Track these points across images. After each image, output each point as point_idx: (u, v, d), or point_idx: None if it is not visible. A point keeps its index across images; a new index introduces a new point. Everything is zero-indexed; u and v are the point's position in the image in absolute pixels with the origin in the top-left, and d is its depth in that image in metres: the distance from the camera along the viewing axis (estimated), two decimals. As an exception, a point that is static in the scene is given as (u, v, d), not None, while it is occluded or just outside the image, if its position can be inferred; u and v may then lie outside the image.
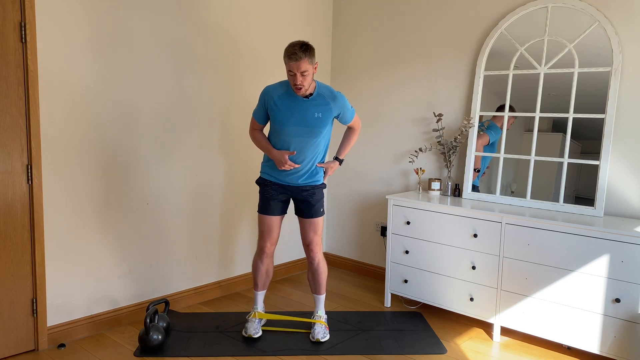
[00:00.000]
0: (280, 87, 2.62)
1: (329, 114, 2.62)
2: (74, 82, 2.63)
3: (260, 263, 2.85)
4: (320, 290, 2.87)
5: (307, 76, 2.46)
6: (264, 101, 2.65)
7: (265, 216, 2.77)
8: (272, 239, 2.81)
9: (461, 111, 3.40)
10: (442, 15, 3.45)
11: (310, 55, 2.45)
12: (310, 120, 2.59)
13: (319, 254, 2.83)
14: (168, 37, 3.00)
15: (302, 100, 2.58)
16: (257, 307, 2.89)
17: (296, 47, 2.42)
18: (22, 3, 2.41)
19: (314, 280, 2.87)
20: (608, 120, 2.77)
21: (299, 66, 2.42)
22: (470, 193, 3.26)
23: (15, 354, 2.57)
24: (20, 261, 2.52)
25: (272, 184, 2.74)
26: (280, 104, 2.60)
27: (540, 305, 2.69)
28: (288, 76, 2.50)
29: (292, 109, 2.58)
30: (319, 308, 2.90)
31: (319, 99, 2.60)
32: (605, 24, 2.78)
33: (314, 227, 2.79)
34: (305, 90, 2.52)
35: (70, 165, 2.65)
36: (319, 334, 2.78)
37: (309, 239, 2.81)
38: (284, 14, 3.68)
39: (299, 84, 2.46)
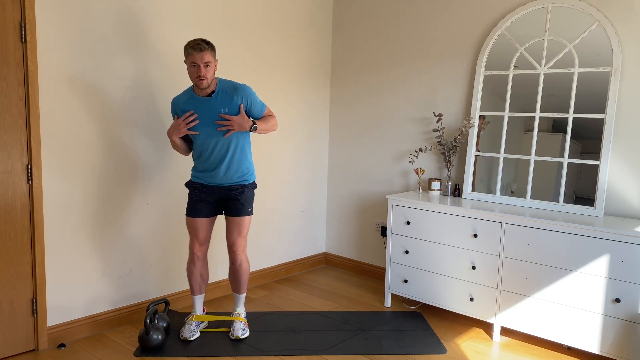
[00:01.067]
0: (184, 94, 2.67)
1: (234, 106, 2.60)
2: (74, 82, 2.63)
3: (193, 267, 2.79)
4: (241, 290, 2.86)
5: (210, 67, 2.51)
6: (174, 112, 2.68)
7: (192, 219, 2.71)
8: (200, 241, 2.74)
9: (461, 111, 3.40)
10: (442, 15, 3.45)
11: (212, 49, 2.52)
12: (218, 117, 2.59)
13: (242, 255, 2.78)
14: (168, 37, 3.00)
15: (206, 100, 2.60)
16: (196, 311, 2.85)
17: (198, 40, 2.49)
18: (22, 3, 2.41)
19: (235, 280, 2.84)
20: (608, 120, 2.77)
21: (202, 57, 2.47)
22: (470, 193, 3.26)
23: (15, 354, 2.57)
24: (20, 261, 2.52)
25: (201, 185, 2.70)
26: (187, 110, 2.62)
27: (540, 305, 2.69)
28: (189, 70, 2.52)
29: (199, 110, 2.60)
30: (239, 306, 2.89)
31: (222, 94, 2.61)
32: (605, 24, 2.78)
33: (239, 227, 2.72)
34: (208, 84, 2.54)
35: (70, 165, 2.65)
36: (238, 330, 2.77)
37: (231, 241, 2.74)
38: (284, 14, 3.68)
39: (203, 75, 2.49)
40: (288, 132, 3.82)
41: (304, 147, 3.97)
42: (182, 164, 3.15)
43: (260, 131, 2.66)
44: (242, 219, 2.72)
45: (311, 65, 3.95)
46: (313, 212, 4.12)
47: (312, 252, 4.16)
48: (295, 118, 3.87)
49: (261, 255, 3.74)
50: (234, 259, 2.79)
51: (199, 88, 2.56)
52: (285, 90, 3.76)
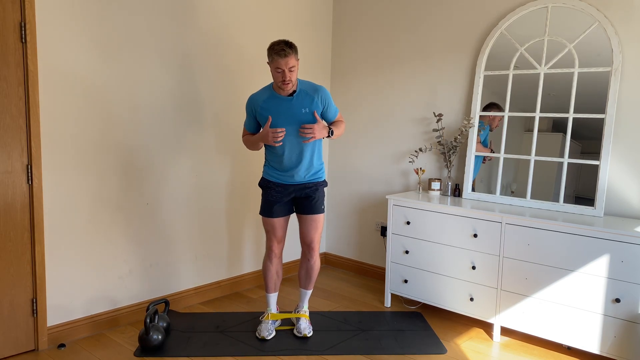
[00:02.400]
0: (263, 92, 2.68)
1: (315, 107, 2.65)
2: (74, 82, 2.63)
3: (270, 264, 2.85)
4: (310, 286, 2.91)
5: (294, 71, 2.54)
6: (251, 109, 2.71)
7: (270, 219, 2.77)
8: (278, 239, 2.81)
9: (461, 111, 3.40)
10: (442, 15, 3.45)
11: (296, 51, 2.54)
12: (299, 116, 2.63)
13: (317, 252, 2.86)
14: (169, 37, 3.00)
15: (287, 100, 2.63)
16: (271, 309, 2.90)
17: (282, 44, 2.50)
18: (22, 3, 2.41)
19: (306, 276, 2.89)
20: (608, 120, 2.77)
21: (287, 62, 2.49)
22: (470, 193, 3.26)
23: (15, 354, 2.57)
24: (20, 261, 2.52)
25: (275, 185, 2.74)
26: (267, 108, 2.64)
27: (540, 305, 2.69)
28: (274, 74, 2.55)
29: (279, 110, 2.63)
30: (305, 303, 2.93)
31: (303, 94, 2.65)
32: (605, 24, 2.78)
33: (316, 224, 2.79)
34: (293, 86, 2.58)
35: (70, 165, 2.65)
36: (305, 329, 2.81)
37: (309, 238, 2.81)
38: (285, 14, 3.68)
39: (288, 79, 2.53)
40: (288, 132, 3.82)
41: (304, 147, 3.97)
42: (182, 164, 3.15)
43: (334, 137, 2.73)
44: (319, 217, 2.79)
45: (311, 65, 3.95)
46: (313, 212, 4.11)
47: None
48: (295, 118, 3.87)
49: (261, 255, 3.73)
50: (310, 256, 2.85)
51: (284, 91, 2.60)
52: (285, 90, 3.76)
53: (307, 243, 2.83)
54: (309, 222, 2.79)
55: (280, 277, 2.91)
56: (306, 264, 2.88)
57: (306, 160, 2.69)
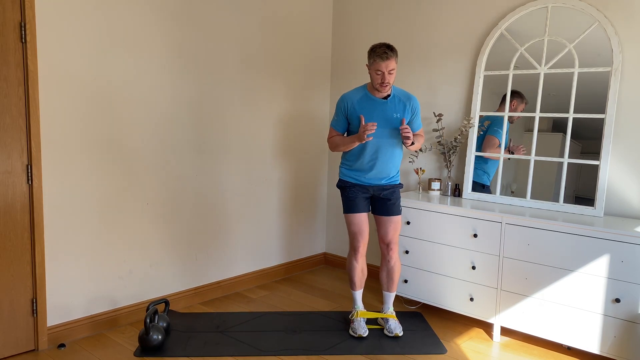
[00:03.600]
0: (358, 92, 2.77)
1: (406, 114, 2.75)
2: (74, 82, 2.63)
3: (356, 263, 2.89)
4: (393, 288, 2.95)
5: (392, 74, 2.63)
6: (344, 107, 2.77)
7: (354, 215, 2.82)
8: (364, 238, 2.86)
9: (461, 111, 3.40)
10: (442, 15, 3.45)
11: (396, 54, 2.63)
12: (390, 120, 2.72)
13: (397, 253, 2.91)
14: (170, 37, 3.00)
15: (381, 102, 2.71)
16: (359, 306, 2.94)
17: (384, 47, 2.59)
18: (22, 3, 2.41)
19: (388, 278, 2.94)
20: (608, 120, 2.77)
21: (387, 65, 2.58)
22: (470, 193, 3.26)
23: (15, 354, 2.57)
24: (20, 261, 2.52)
25: (354, 185, 2.80)
26: (360, 108, 2.73)
27: (540, 305, 2.69)
28: (373, 76, 2.63)
29: (372, 110, 2.71)
30: (390, 304, 2.97)
31: (396, 99, 2.74)
32: (605, 24, 2.78)
33: (395, 224, 2.85)
34: (390, 88, 2.66)
35: (70, 165, 2.65)
36: (396, 328, 2.86)
37: (389, 238, 2.86)
38: (285, 14, 3.68)
39: (387, 82, 2.62)
40: (288, 132, 3.82)
41: (304, 146, 3.97)
42: (182, 164, 3.15)
43: (412, 148, 2.80)
44: (398, 218, 2.85)
45: (311, 64, 3.95)
46: (313, 212, 4.12)
47: (312, 252, 4.16)
48: (296, 118, 3.87)
49: (261, 255, 3.74)
50: (390, 257, 2.89)
51: (381, 92, 2.67)
52: (285, 90, 3.76)
53: (387, 243, 2.87)
54: (388, 223, 2.84)
55: (365, 275, 2.96)
56: (387, 266, 2.92)
57: (388, 164, 2.77)
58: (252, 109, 3.54)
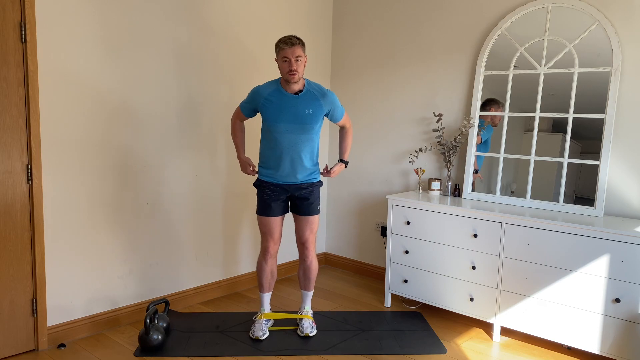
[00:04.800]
0: (270, 85, 2.69)
1: (319, 110, 2.67)
2: (74, 82, 2.63)
3: (265, 264, 2.85)
4: (310, 287, 2.92)
5: (300, 62, 2.57)
6: (254, 99, 2.70)
7: (265, 217, 2.77)
8: (274, 239, 2.81)
9: (461, 111, 3.40)
10: (442, 15, 3.45)
11: (303, 44, 2.59)
12: (301, 116, 2.63)
13: (313, 252, 2.86)
14: (170, 37, 3.00)
15: (293, 97, 2.63)
16: (264, 309, 2.90)
17: (289, 35, 2.57)
18: (22, 3, 2.41)
19: (305, 277, 2.90)
20: (608, 120, 2.77)
21: (293, 51, 2.53)
22: (470, 193, 3.26)
23: (15, 354, 2.57)
24: (20, 261, 2.52)
25: (271, 184, 2.74)
26: (271, 102, 2.65)
27: (540, 305, 2.69)
28: (281, 65, 2.57)
29: (283, 106, 2.63)
30: (307, 303, 2.94)
31: (309, 95, 2.66)
32: (605, 24, 2.78)
33: (311, 224, 2.80)
34: (299, 79, 2.59)
35: (70, 165, 2.65)
36: (307, 328, 2.82)
37: (305, 237, 2.82)
38: (285, 14, 3.68)
39: (294, 69, 2.54)
40: (288, 132, 3.82)
41: (304, 147, 3.97)
42: (182, 164, 3.15)
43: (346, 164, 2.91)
44: (314, 218, 2.81)
45: (311, 65, 3.95)
46: (313, 212, 4.11)
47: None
48: (295, 118, 3.87)
49: (261, 255, 3.73)
50: (306, 256, 2.86)
51: (290, 82, 2.60)
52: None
53: (302, 242, 2.83)
54: (304, 222, 2.80)
55: (275, 277, 2.91)
56: (303, 265, 2.89)
57: (302, 161, 2.70)
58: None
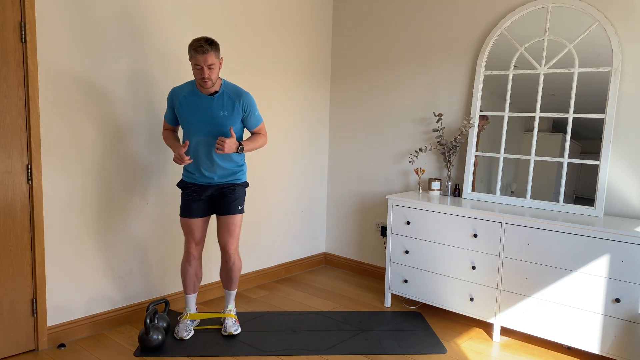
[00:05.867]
0: (186, 87, 2.66)
1: (235, 112, 2.63)
2: (74, 82, 2.63)
3: (189, 266, 2.79)
4: (232, 286, 2.88)
5: (213, 69, 2.51)
6: (171, 102, 2.68)
7: (187, 219, 2.72)
8: (196, 240, 2.75)
9: (461, 111, 3.40)
10: (442, 15, 3.45)
11: (216, 49, 2.50)
12: (216, 118, 2.60)
13: (234, 254, 2.80)
14: (170, 37, 3.00)
15: (207, 99, 2.60)
16: (189, 309, 2.87)
17: (201, 40, 2.47)
18: (22, 3, 2.41)
19: (227, 277, 2.86)
20: (608, 120, 2.77)
21: (205, 59, 2.46)
22: (470, 193, 3.26)
23: (15, 354, 2.57)
24: (20, 261, 2.52)
25: (193, 185, 2.71)
26: (186, 104, 2.62)
27: (540, 305, 2.69)
28: (194, 71, 2.52)
29: (198, 107, 2.61)
30: (230, 302, 2.91)
31: (224, 97, 2.62)
32: (605, 24, 2.78)
33: (229, 226, 2.72)
34: (212, 84, 2.55)
35: (70, 165, 2.65)
36: (230, 327, 2.81)
37: (223, 240, 2.75)
38: (284, 14, 3.68)
39: (207, 77, 2.50)
40: (288, 132, 3.82)
41: (304, 147, 3.97)
42: (182, 164, 3.15)
43: (246, 151, 2.68)
44: (234, 218, 2.73)
45: (311, 65, 3.95)
46: (313, 212, 4.12)
47: (312, 252, 4.16)
48: (295, 118, 3.87)
49: (261, 255, 3.74)
50: (227, 258, 2.80)
51: (204, 88, 2.57)
52: (285, 90, 3.76)
53: (222, 245, 2.77)
54: (223, 223, 2.73)
55: (200, 279, 2.86)
56: (225, 266, 2.83)
57: (219, 162, 2.65)
58: (252, 109, 3.54)
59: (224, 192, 2.71)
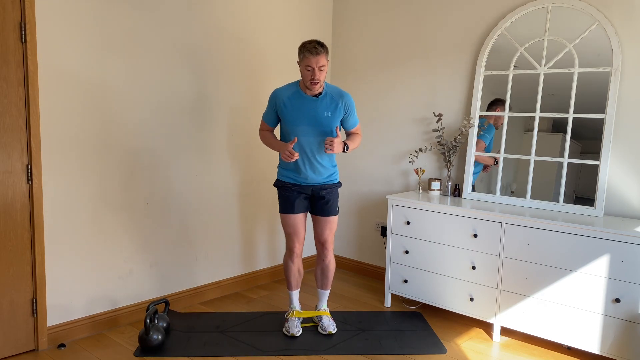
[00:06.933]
0: (289, 88, 2.71)
1: (338, 112, 2.69)
2: (74, 82, 2.63)
3: (292, 263, 2.89)
4: (327, 286, 2.95)
5: (323, 71, 2.58)
6: (274, 103, 2.72)
7: (289, 215, 2.79)
8: (299, 239, 2.84)
9: (461, 111, 3.40)
10: (442, 15, 3.45)
11: (327, 51, 2.59)
12: (320, 119, 2.66)
13: (331, 252, 2.90)
14: (170, 37, 3.00)
15: (311, 100, 2.66)
16: (295, 306, 2.95)
17: (314, 42, 2.55)
18: (22, 3, 2.41)
19: (322, 276, 2.94)
20: (608, 120, 2.77)
21: (317, 60, 2.53)
22: (470, 193, 3.26)
23: (15, 354, 2.57)
24: (20, 261, 2.52)
25: (291, 185, 2.77)
26: (290, 105, 2.67)
27: (540, 305, 2.69)
28: (304, 72, 2.58)
29: (302, 109, 2.66)
30: (324, 302, 2.97)
31: (328, 98, 2.68)
32: (605, 24, 2.78)
33: (330, 225, 2.83)
34: (321, 86, 2.61)
35: (70, 165, 2.65)
36: (329, 326, 2.87)
37: (324, 237, 2.85)
38: (285, 13, 3.68)
39: (317, 78, 2.56)
40: (288, 132, 3.82)
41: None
42: (182, 164, 3.15)
43: (349, 151, 2.72)
44: (334, 218, 2.83)
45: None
46: (313, 212, 4.11)
47: (312, 252, 4.16)
48: (295, 118, 3.87)
49: (261, 255, 3.74)
50: (325, 256, 2.89)
51: (312, 90, 2.62)
52: (285, 90, 3.76)
53: (322, 242, 2.87)
54: (324, 223, 2.83)
55: (302, 275, 2.96)
56: (321, 264, 2.92)
57: (321, 163, 2.73)
58: (252, 109, 3.54)
59: (323, 193, 2.78)
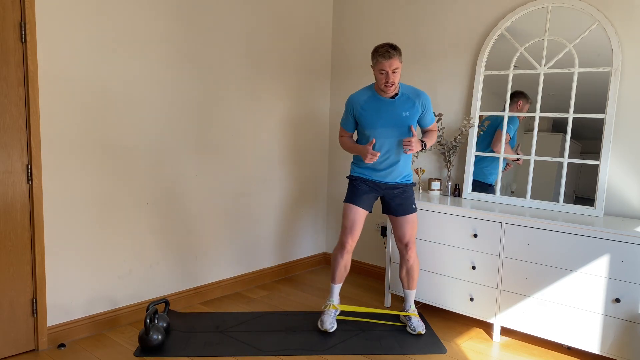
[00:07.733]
0: (364, 92, 2.76)
1: (415, 111, 2.73)
2: (74, 82, 2.63)
3: (340, 258, 2.90)
4: (413, 286, 2.97)
5: (397, 73, 2.60)
6: (351, 109, 2.78)
7: (351, 206, 2.81)
8: (354, 236, 2.85)
9: (461, 111, 3.40)
10: (442, 15, 3.45)
11: (400, 53, 2.61)
12: (399, 119, 2.70)
13: (415, 252, 2.92)
14: (170, 37, 3.00)
15: (389, 102, 2.70)
16: (333, 300, 2.95)
17: (386, 46, 2.58)
18: (22, 3, 2.41)
19: (408, 277, 2.95)
20: (608, 120, 2.77)
21: (391, 64, 2.56)
22: (470, 193, 3.26)
23: (15, 354, 2.57)
24: (20, 261, 2.52)
25: (365, 180, 2.81)
26: (368, 108, 2.72)
27: (540, 305, 2.69)
28: (378, 76, 2.62)
29: (380, 111, 2.70)
30: (412, 302, 2.99)
31: (404, 98, 2.72)
32: (605, 24, 2.78)
33: (411, 224, 2.85)
34: (395, 88, 2.65)
35: (70, 165, 2.65)
36: (419, 326, 2.88)
37: (407, 237, 2.86)
38: (285, 14, 3.68)
39: (391, 81, 2.59)
40: (288, 131, 3.82)
41: (304, 146, 3.97)
42: (182, 164, 3.15)
43: (427, 149, 2.79)
44: (414, 217, 2.86)
45: (311, 65, 3.95)
46: (313, 212, 4.12)
47: (312, 252, 4.16)
48: (295, 117, 3.87)
49: (261, 255, 3.74)
50: (409, 256, 2.90)
51: (386, 93, 2.66)
52: (285, 89, 3.76)
53: (405, 243, 2.88)
54: (404, 222, 2.85)
55: (348, 271, 2.96)
56: (406, 265, 2.93)
57: (398, 163, 2.77)
58: (252, 109, 3.54)
59: (397, 192, 2.81)
